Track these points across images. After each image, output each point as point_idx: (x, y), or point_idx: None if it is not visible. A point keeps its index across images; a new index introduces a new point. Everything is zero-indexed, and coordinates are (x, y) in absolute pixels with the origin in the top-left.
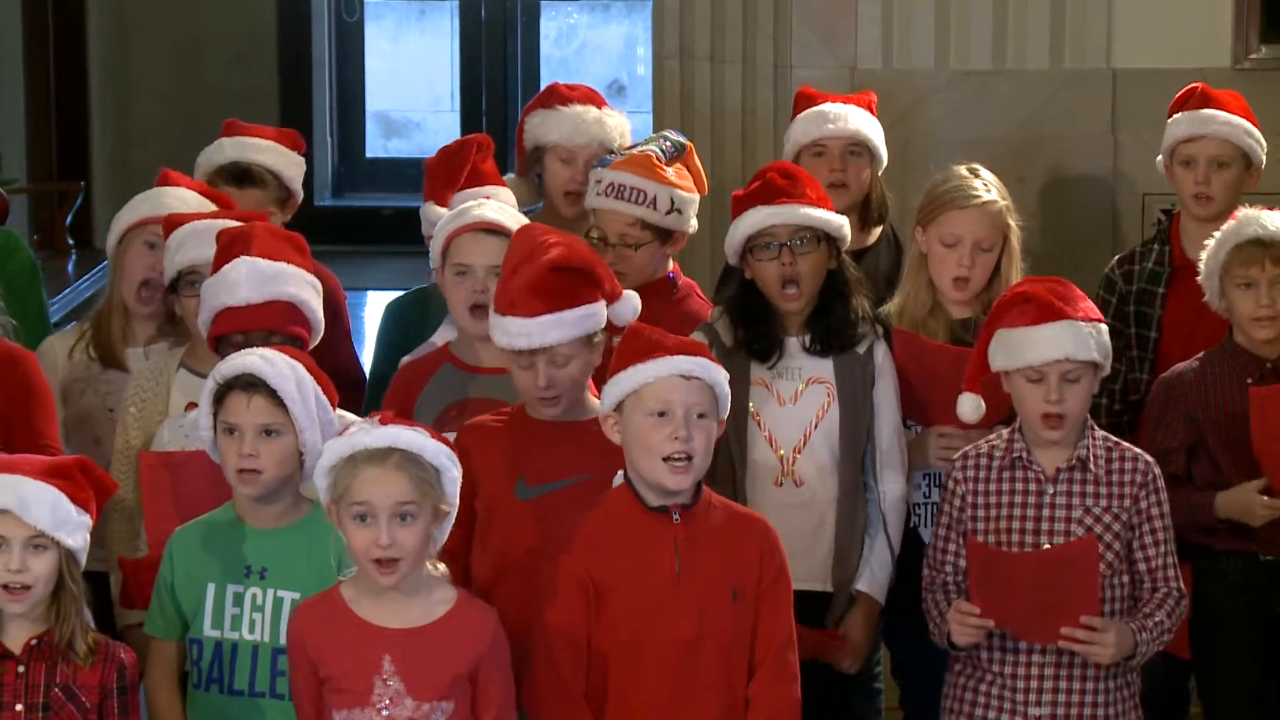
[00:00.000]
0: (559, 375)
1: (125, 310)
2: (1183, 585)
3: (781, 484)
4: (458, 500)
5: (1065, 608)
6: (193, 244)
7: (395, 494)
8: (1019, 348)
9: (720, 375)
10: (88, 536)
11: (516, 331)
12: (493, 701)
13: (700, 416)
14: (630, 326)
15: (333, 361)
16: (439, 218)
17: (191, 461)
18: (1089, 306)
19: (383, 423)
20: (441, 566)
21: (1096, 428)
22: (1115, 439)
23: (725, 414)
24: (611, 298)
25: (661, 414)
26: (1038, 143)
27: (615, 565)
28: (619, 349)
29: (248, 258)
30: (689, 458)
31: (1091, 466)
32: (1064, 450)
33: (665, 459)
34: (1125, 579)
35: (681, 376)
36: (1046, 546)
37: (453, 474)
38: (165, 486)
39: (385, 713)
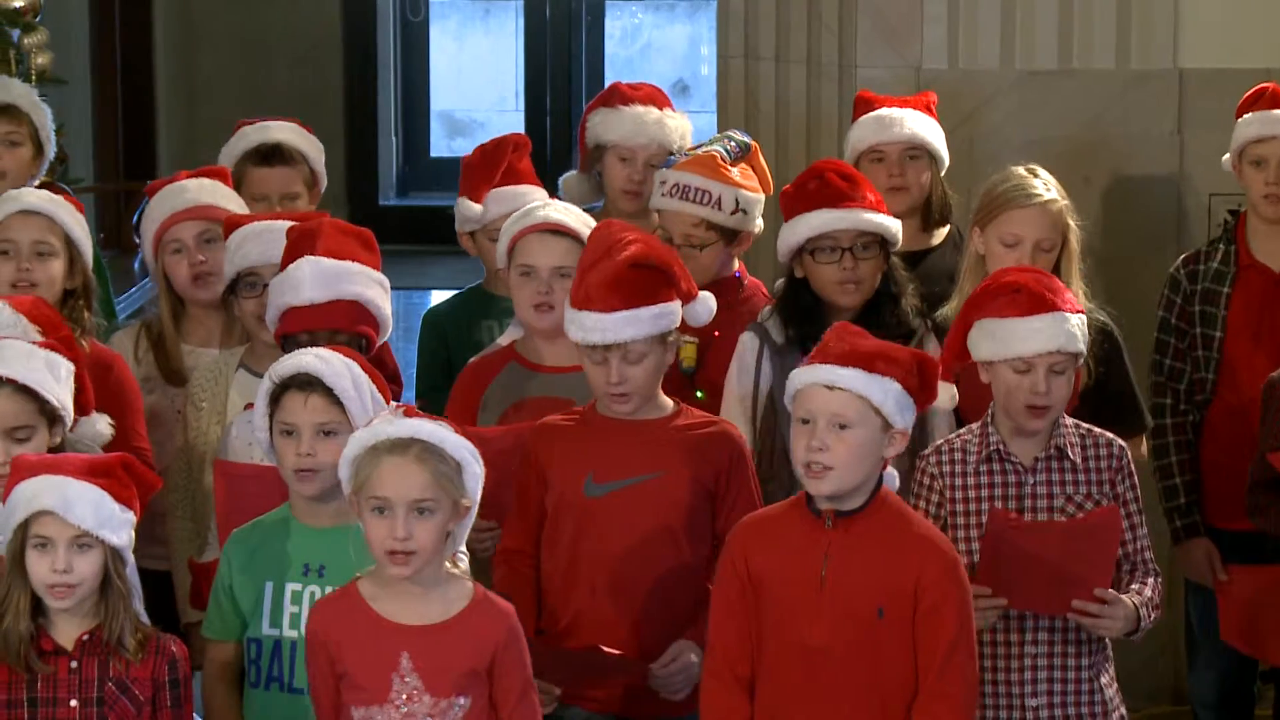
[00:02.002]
0: (631, 372)
1: (179, 320)
2: (1157, 565)
3: None
4: (479, 497)
5: (1079, 579)
6: (251, 245)
7: (414, 487)
8: (1009, 338)
9: (875, 386)
10: (132, 533)
11: (591, 326)
12: (509, 695)
13: (842, 427)
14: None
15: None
16: (474, 213)
17: (266, 475)
18: (1071, 298)
19: (406, 414)
20: (463, 564)
21: (1066, 415)
22: (1087, 425)
23: (900, 424)
24: (687, 298)
25: (805, 421)
26: (1103, 143)
27: (769, 559)
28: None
29: (313, 257)
30: (826, 467)
31: (1069, 454)
32: (1040, 440)
33: (804, 465)
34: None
35: (825, 386)
36: (1065, 518)
37: (474, 470)
38: (239, 495)
39: (404, 710)
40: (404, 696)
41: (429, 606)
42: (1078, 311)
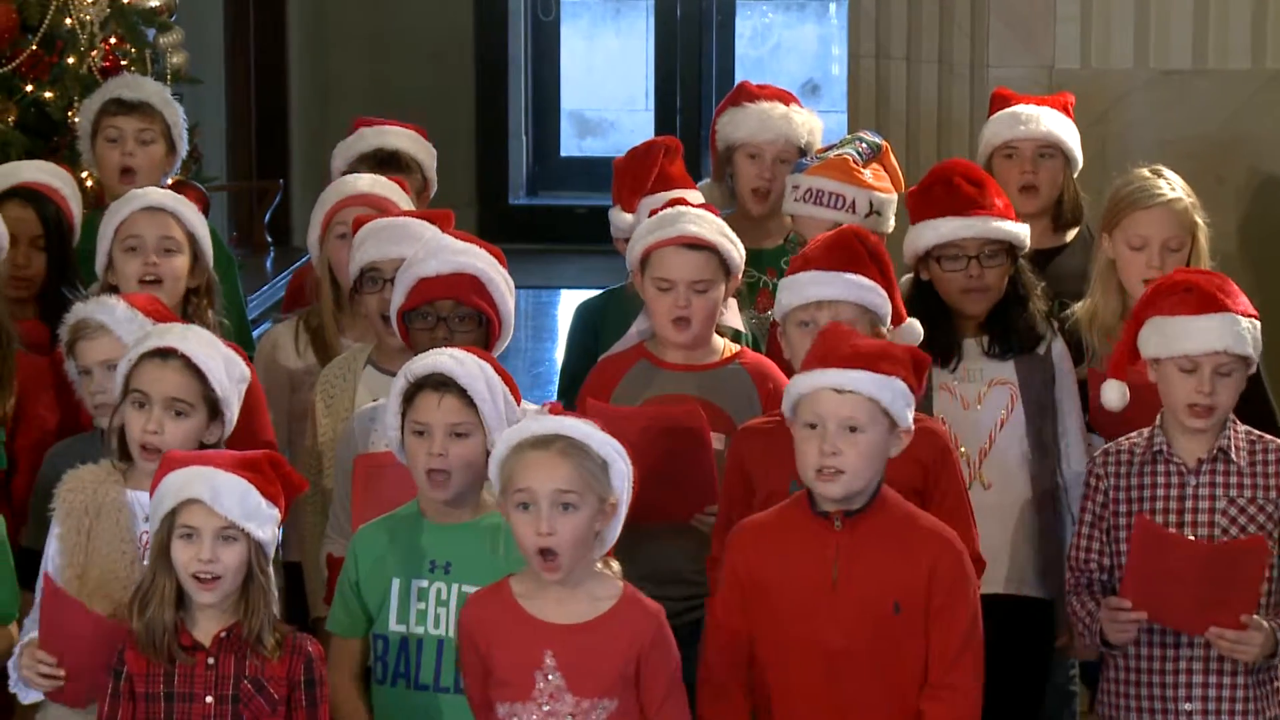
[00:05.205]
0: None
1: (338, 309)
2: None
3: (970, 487)
4: (628, 496)
5: (1223, 604)
6: (373, 242)
7: (556, 480)
8: (1176, 336)
9: (884, 388)
10: (276, 530)
11: (807, 281)
12: (656, 699)
13: (853, 430)
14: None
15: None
16: (625, 224)
17: (402, 465)
18: (1246, 303)
19: (551, 412)
20: (615, 565)
21: (1238, 421)
22: (1259, 433)
23: (905, 424)
24: (896, 316)
25: (813, 425)
26: (1238, 143)
27: (775, 565)
28: (807, 355)
29: (441, 233)
30: (839, 470)
31: (1233, 457)
32: (1205, 441)
33: (816, 471)
34: (1273, 573)
35: (833, 390)
36: (1228, 519)
37: (620, 468)
38: (376, 488)
39: (546, 708)
40: (546, 695)
41: (576, 605)
42: (1250, 315)
